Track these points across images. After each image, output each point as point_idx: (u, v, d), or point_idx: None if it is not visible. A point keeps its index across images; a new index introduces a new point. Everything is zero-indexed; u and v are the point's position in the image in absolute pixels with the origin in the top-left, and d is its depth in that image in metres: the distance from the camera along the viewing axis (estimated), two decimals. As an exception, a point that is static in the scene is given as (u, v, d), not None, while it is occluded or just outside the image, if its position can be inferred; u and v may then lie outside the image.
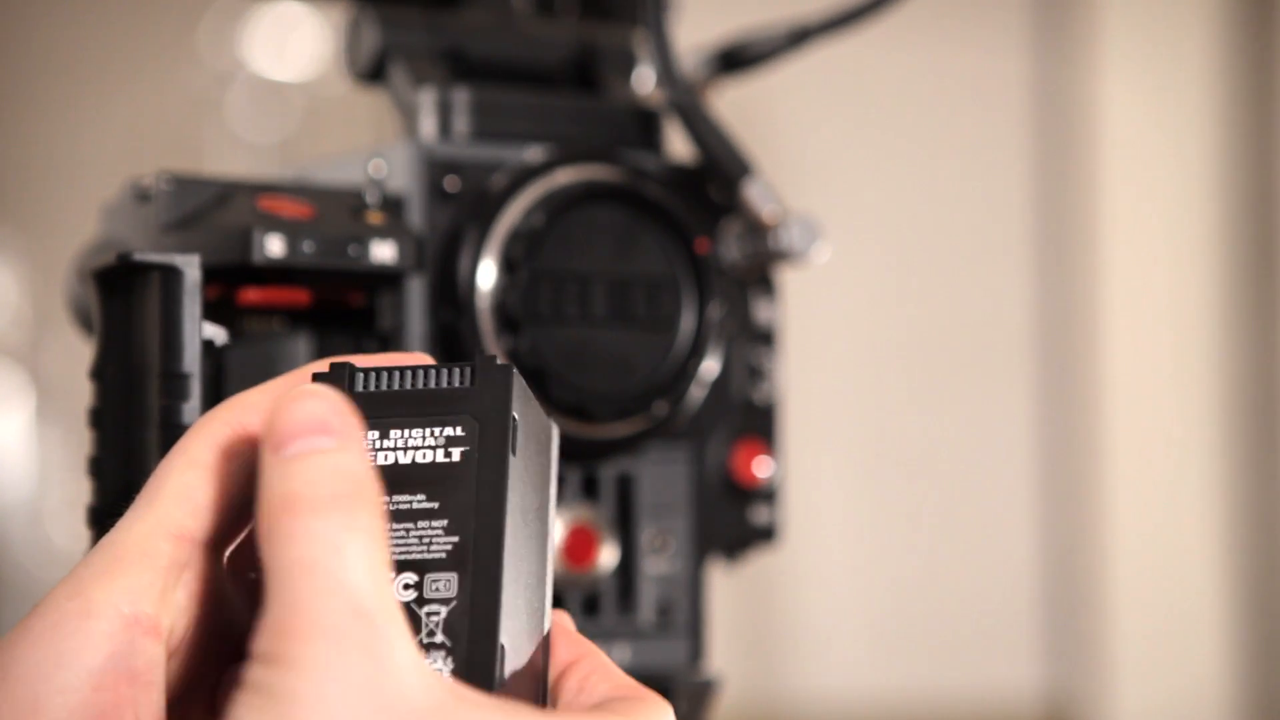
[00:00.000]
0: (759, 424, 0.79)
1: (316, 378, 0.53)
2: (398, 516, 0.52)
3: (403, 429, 0.52)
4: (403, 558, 0.51)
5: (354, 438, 0.50)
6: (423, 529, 0.52)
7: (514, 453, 0.52)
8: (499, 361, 0.53)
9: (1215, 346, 2.32)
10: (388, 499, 0.52)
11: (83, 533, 0.64)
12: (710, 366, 0.76)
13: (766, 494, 0.79)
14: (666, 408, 0.74)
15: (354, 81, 0.79)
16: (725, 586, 0.96)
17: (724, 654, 0.88)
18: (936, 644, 2.28)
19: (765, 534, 0.80)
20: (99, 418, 0.64)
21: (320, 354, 0.70)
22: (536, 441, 0.55)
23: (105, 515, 0.63)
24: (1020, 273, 2.33)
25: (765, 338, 0.80)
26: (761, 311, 0.80)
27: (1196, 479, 2.31)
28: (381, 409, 0.53)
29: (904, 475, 2.28)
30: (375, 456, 0.52)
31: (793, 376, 0.90)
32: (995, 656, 2.29)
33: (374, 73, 0.78)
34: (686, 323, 0.74)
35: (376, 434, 0.52)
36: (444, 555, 0.51)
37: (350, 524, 0.48)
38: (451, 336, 0.72)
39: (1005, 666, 2.30)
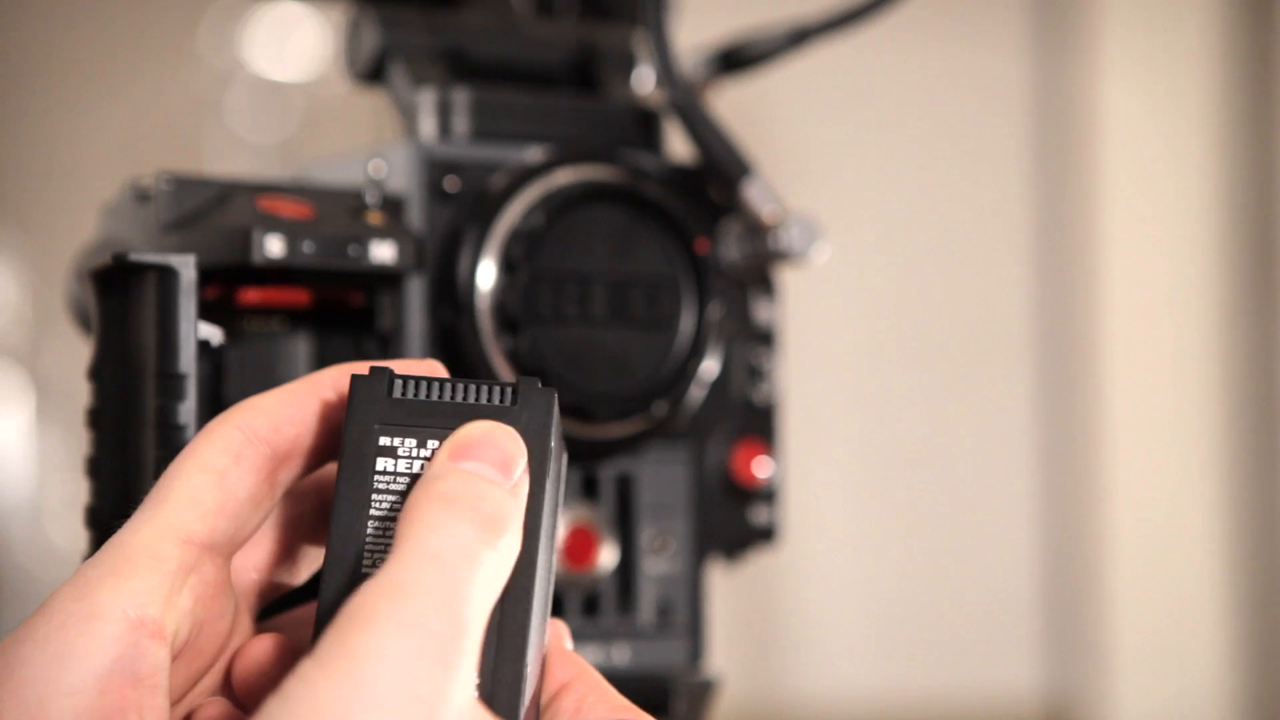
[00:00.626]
0: (759, 424, 0.79)
1: (355, 380, 0.53)
2: None
3: (441, 440, 0.52)
4: None
5: (524, 492, 0.51)
6: None
7: (547, 475, 0.52)
8: (540, 385, 0.53)
9: (1215, 346, 2.32)
10: None
11: (82, 533, 0.64)
12: (710, 366, 0.76)
13: (766, 494, 0.79)
14: (666, 408, 0.74)
15: (354, 81, 0.79)
16: (725, 586, 0.96)
17: (724, 654, 0.88)
18: (936, 644, 2.28)
19: (765, 534, 0.80)
20: (97, 418, 0.64)
21: (320, 354, 0.70)
22: (558, 466, 0.55)
23: (103, 515, 0.63)
24: (1020, 273, 2.33)
25: (765, 338, 0.80)
26: (761, 311, 0.80)
27: (1196, 479, 2.31)
28: (420, 418, 0.53)
29: (904, 475, 2.28)
30: (412, 465, 0.52)
31: (793, 376, 0.90)
32: (995, 656, 2.29)
33: (374, 73, 0.78)
34: (686, 323, 0.74)
35: (414, 441, 0.52)
36: None
37: (493, 549, 0.49)
38: (451, 336, 0.72)
39: (1005, 666, 2.30)
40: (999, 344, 2.32)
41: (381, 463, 0.52)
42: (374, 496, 0.52)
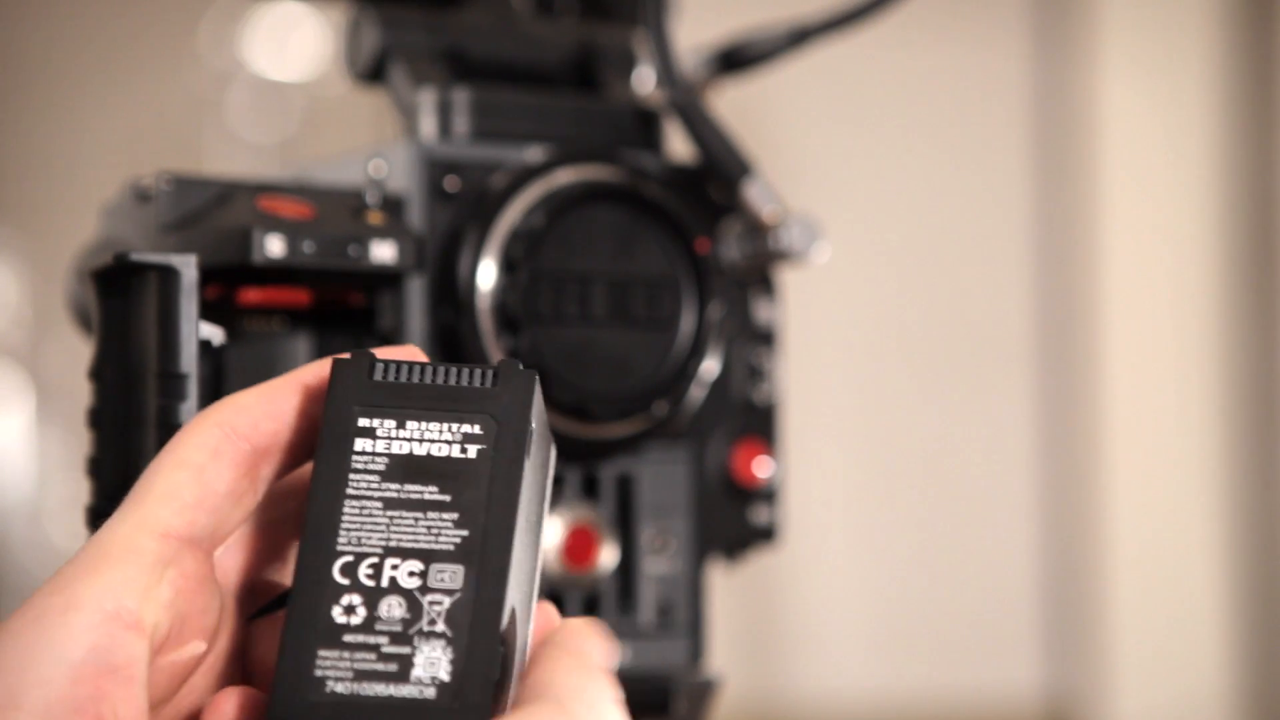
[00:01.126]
0: (759, 424, 0.79)
1: (336, 363, 0.53)
2: (408, 505, 0.52)
3: (420, 421, 0.53)
4: (410, 545, 0.52)
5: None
6: (432, 519, 0.52)
7: (527, 455, 0.52)
8: (521, 367, 0.53)
9: (1215, 346, 2.32)
10: (399, 486, 0.52)
11: (82, 533, 0.64)
12: (710, 366, 0.76)
13: (766, 494, 0.79)
14: (666, 408, 0.74)
15: (354, 81, 0.79)
16: (725, 586, 0.96)
17: (724, 654, 0.88)
18: (936, 644, 2.28)
19: (765, 534, 0.80)
20: (98, 418, 0.64)
21: (320, 354, 0.70)
22: (542, 453, 0.55)
23: (103, 515, 0.63)
24: (1020, 272, 2.33)
25: (765, 338, 0.80)
26: (761, 311, 0.79)
27: (1196, 479, 2.31)
28: (400, 399, 0.53)
29: (904, 475, 2.28)
30: (390, 445, 0.53)
31: (793, 376, 0.90)
32: (995, 656, 2.29)
33: (374, 73, 0.78)
34: (686, 323, 0.74)
35: (393, 423, 0.53)
36: (451, 547, 0.51)
37: None
38: (451, 336, 0.72)
39: (1005, 666, 2.30)
40: (999, 344, 2.32)
41: (360, 443, 0.53)
42: (352, 476, 0.52)
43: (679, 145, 0.78)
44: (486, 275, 0.72)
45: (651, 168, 0.76)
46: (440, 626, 0.51)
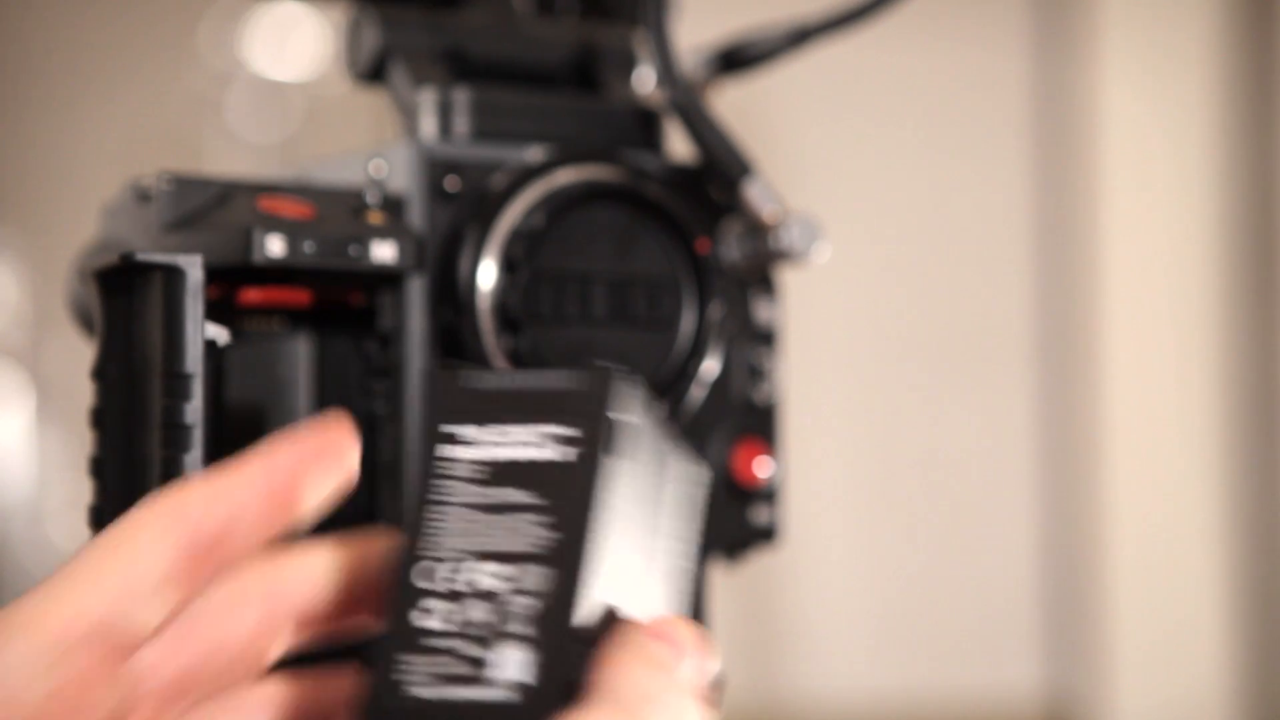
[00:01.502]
0: (759, 424, 0.79)
1: (427, 376, 0.54)
2: (494, 509, 0.53)
3: (508, 425, 0.53)
4: (494, 549, 0.52)
5: None
6: (517, 522, 0.52)
7: (609, 453, 0.52)
8: (610, 370, 0.54)
9: (1215, 346, 2.32)
10: (486, 491, 0.53)
11: (83, 533, 0.64)
12: (710, 366, 0.76)
13: (766, 494, 0.79)
14: (667, 408, 0.74)
15: (354, 81, 0.79)
16: (725, 586, 0.96)
17: (724, 654, 0.88)
18: (936, 644, 2.28)
19: (765, 534, 0.80)
20: (100, 418, 0.64)
21: (320, 354, 0.70)
22: (655, 458, 0.55)
23: (106, 515, 0.63)
24: (1020, 272, 2.33)
25: (765, 338, 0.80)
26: (761, 311, 0.80)
27: (1196, 479, 2.31)
28: (488, 406, 0.54)
29: (904, 475, 2.28)
30: (477, 450, 0.53)
31: (793, 376, 0.90)
32: (995, 656, 2.29)
33: (374, 73, 0.78)
34: (686, 323, 0.74)
35: (480, 429, 0.54)
36: (535, 549, 0.52)
37: None
38: (452, 337, 0.72)
39: (1005, 666, 2.30)
40: (999, 344, 2.32)
41: (447, 450, 0.53)
42: (438, 483, 0.53)
43: (679, 145, 0.78)
44: (487, 275, 0.72)
45: (651, 168, 0.76)
46: (522, 629, 0.51)
